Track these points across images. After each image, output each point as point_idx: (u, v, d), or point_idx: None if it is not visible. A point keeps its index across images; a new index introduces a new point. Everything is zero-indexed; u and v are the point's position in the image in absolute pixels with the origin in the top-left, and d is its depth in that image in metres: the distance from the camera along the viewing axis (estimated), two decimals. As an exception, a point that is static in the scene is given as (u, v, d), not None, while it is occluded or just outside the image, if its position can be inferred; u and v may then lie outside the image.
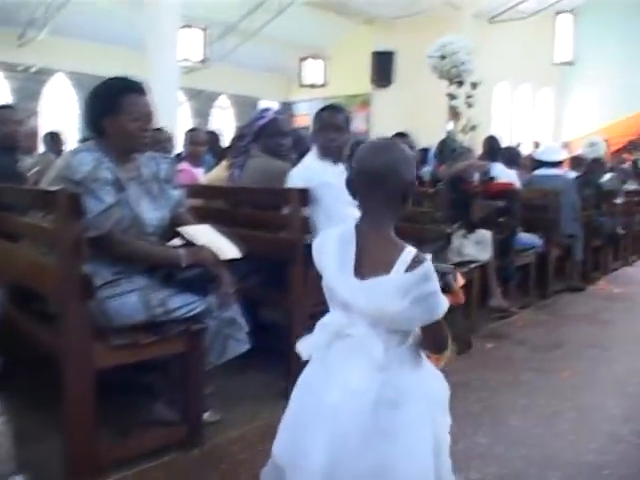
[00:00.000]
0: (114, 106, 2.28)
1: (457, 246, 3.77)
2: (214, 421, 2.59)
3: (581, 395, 3.07)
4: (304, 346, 1.50)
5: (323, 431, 1.40)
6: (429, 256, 1.38)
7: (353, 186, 1.45)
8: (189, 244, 2.40)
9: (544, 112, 13.10)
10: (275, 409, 2.79)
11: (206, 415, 2.52)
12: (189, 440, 2.39)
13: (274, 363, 3.03)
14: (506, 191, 4.51)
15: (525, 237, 4.86)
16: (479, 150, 5.26)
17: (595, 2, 11.58)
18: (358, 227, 1.44)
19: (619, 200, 6.91)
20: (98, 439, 2.15)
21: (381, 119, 10.95)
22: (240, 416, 2.71)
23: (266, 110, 3.41)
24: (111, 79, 2.35)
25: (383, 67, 11.03)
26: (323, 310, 1.51)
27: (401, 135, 4.42)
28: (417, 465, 1.40)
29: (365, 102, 11.80)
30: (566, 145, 8.68)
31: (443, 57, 3.57)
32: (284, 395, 2.89)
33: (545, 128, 12.82)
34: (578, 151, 8.08)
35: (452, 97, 3.63)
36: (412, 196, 1.45)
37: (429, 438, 1.43)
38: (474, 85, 3.63)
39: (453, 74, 3.58)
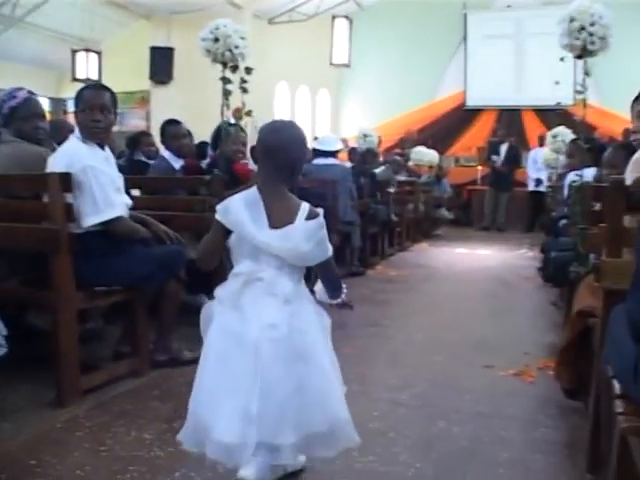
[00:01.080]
0: None
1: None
2: (-32, 442, 2.27)
3: (363, 369, 3.17)
4: (219, 294, 1.81)
5: (249, 364, 1.68)
6: (321, 210, 1.85)
7: (255, 154, 1.91)
8: None
9: (323, 112, 13.65)
10: (45, 420, 2.55)
11: (-43, 436, 2.20)
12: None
13: (43, 371, 2.77)
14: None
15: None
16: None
17: (368, 10, 12.29)
18: (260, 190, 1.82)
19: (392, 189, 7.41)
20: None
21: (161, 116, 10.54)
22: (1, 433, 2.41)
23: (18, 90, 3.06)
24: None
25: (162, 63, 10.68)
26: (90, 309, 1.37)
27: (173, 122, 4.26)
28: (328, 379, 1.77)
29: (144, 99, 11.34)
30: (344, 141, 9.10)
31: (216, 40, 3.49)
32: (54, 404, 2.66)
33: (324, 126, 13.36)
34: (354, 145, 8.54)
35: (226, 81, 3.57)
36: (300, 172, 1.90)
37: (329, 357, 1.80)
38: (248, 70, 3.60)
39: (227, 58, 3.52)
